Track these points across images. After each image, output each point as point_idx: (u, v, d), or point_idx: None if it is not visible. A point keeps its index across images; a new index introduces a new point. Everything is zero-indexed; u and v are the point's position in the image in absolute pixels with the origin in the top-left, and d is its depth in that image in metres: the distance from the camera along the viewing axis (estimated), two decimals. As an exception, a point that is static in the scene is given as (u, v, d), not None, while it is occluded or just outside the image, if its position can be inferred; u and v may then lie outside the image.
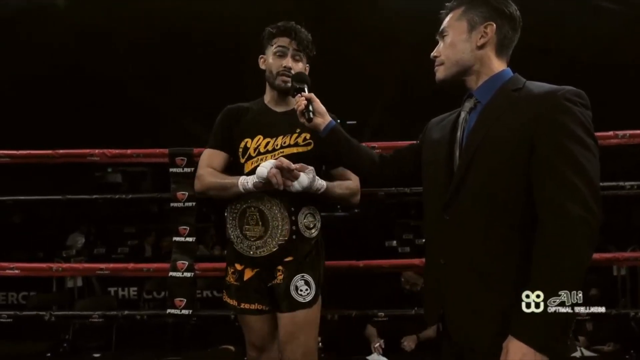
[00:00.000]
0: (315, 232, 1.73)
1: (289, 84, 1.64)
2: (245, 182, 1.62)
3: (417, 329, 3.01)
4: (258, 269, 1.71)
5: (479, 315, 1.15)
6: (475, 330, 1.16)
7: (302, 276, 1.67)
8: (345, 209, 7.52)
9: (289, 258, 1.68)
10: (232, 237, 1.72)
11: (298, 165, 1.58)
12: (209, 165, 1.74)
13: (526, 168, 1.10)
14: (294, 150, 1.69)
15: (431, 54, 1.30)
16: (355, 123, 6.79)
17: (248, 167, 1.70)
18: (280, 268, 1.68)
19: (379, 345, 2.79)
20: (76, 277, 4.49)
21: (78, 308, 3.87)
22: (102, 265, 2.34)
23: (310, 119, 1.42)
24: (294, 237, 1.67)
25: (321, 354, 2.76)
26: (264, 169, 1.56)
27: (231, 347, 2.98)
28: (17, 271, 2.29)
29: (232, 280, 1.75)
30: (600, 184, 1.08)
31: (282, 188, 1.56)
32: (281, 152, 1.68)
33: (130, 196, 2.48)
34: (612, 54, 4.82)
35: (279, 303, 1.67)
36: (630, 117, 2.45)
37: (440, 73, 1.28)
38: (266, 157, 1.67)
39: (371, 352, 2.90)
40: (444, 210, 1.21)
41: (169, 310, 2.21)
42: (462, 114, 1.26)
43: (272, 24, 1.75)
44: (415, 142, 1.49)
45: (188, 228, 2.24)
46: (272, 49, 1.72)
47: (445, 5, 1.31)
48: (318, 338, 2.70)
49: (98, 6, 4.63)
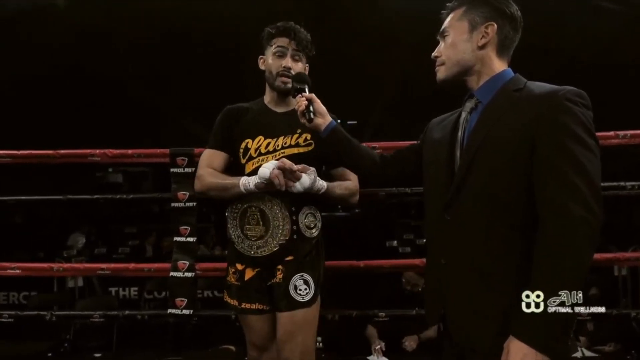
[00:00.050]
0: (315, 232, 1.73)
1: (289, 85, 1.64)
2: (246, 183, 1.62)
3: (418, 329, 3.01)
4: (259, 269, 1.71)
5: (480, 315, 1.15)
6: (476, 330, 1.16)
7: (302, 276, 1.68)
8: (345, 209, 7.51)
9: (290, 257, 1.68)
10: (233, 237, 1.72)
11: (300, 166, 1.58)
12: (209, 165, 1.74)
13: (527, 168, 1.10)
14: (295, 150, 1.69)
15: (432, 54, 1.30)
16: (355, 123, 6.79)
17: (249, 168, 1.70)
18: (280, 267, 1.68)
19: (380, 347, 2.79)
20: (77, 277, 4.50)
21: (79, 308, 3.87)
22: (103, 265, 2.35)
23: (311, 120, 1.42)
24: (295, 237, 1.67)
25: (322, 354, 2.76)
26: (267, 170, 1.56)
27: (232, 347, 2.99)
28: (18, 271, 2.29)
29: (233, 280, 1.75)
30: (601, 184, 1.08)
31: (284, 189, 1.56)
32: (282, 153, 1.68)
33: (131, 196, 2.48)
34: (613, 54, 4.81)
35: (278, 302, 1.67)
36: (630, 117, 2.45)
37: (441, 73, 1.28)
38: (267, 158, 1.67)
39: (371, 353, 2.90)
40: (445, 210, 1.21)
41: (170, 310, 2.21)
42: (463, 114, 1.26)
43: (272, 24, 1.75)
44: (416, 142, 1.48)
45: (189, 228, 2.24)
46: (272, 50, 1.72)
47: (446, 5, 1.31)
48: (318, 338, 2.71)
49: (98, 6, 4.63)
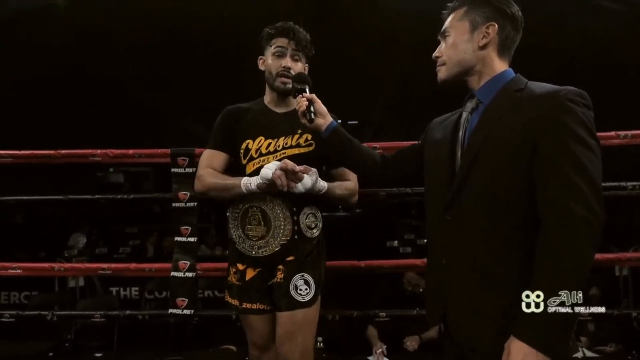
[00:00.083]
0: (316, 232, 1.73)
1: (289, 85, 1.64)
2: (248, 183, 1.62)
3: (420, 330, 3.01)
4: (260, 269, 1.71)
5: (481, 315, 1.15)
6: (476, 330, 1.16)
7: (302, 276, 1.68)
8: (346, 209, 7.51)
9: (291, 257, 1.68)
10: (234, 237, 1.73)
11: (302, 167, 1.58)
12: (209, 165, 1.73)
13: (528, 168, 1.10)
14: (296, 151, 1.69)
15: (433, 55, 1.30)
16: (356, 123, 6.79)
17: (250, 168, 1.70)
18: (280, 267, 1.68)
19: (382, 351, 2.78)
20: (78, 277, 4.50)
21: (80, 308, 3.87)
22: (104, 265, 2.35)
23: (311, 120, 1.42)
24: (296, 237, 1.67)
25: (322, 354, 2.76)
26: (269, 170, 1.56)
27: (233, 347, 2.99)
28: (20, 271, 2.29)
29: (234, 280, 1.75)
30: (602, 185, 1.08)
31: (286, 190, 1.57)
32: (283, 153, 1.68)
33: (132, 196, 2.48)
34: (613, 54, 4.81)
35: (279, 302, 1.68)
36: (632, 118, 2.44)
37: (442, 73, 1.28)
38: (268, 158, 1.68)
39: (372, 353, 2.89)
40: (446, 210, 1.21)
41: (171, 310, 2.21)
42: (464, 114, 1.26)
43: (271, 25, 1.75)
44: (417, 142, 1.49)
45: (190, 228, 2.24)
46: (271, 50, 1.72)
47: (447, 5, 1.30)
48: (319, 338, 2.71)
49: (98, 6, 4.64)
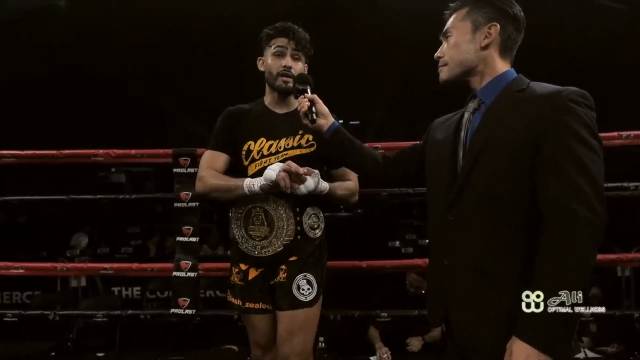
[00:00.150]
0: (319, 233, 1.74)
1: (290, 84, 1.65)
2: (251, 185, 1.62)
3: (423, 331, 3.01)
4: (263, 269, 1.71)
5: (483, 315, 1.15)
6: (478, 330, 1.16)
7: (305, 275, 1.68)
8: (348, 209, 7.51)
9: (294, 258, 1.69)
10: (237, 237, 1.73)
11: (305, 169, 1.59)
12: (211, 166, 1.73)
13: (530, 169, 1.10)
14: (298, 152, 1.70)
15: (435, 55, 1.30)
16: (358, 123, 6.79)
17: (252, 170, 1.70)
18: (283, 267, 1.69)
19: (387, 356, 2.78)
20: (80, 277, 4.49)
21: (82, 307, 3.88)
22: (106, 265, 2.35)
23: (313, 121, 1.42)
24: (299, 237, 1.68)
25: (324, 354, 2.76)
26: (273, 172, 1.56)
27: (234, 347, 2.99)
28: (22, 271, 2.30)
29: (237, 280, 1.75)
30: (604, 185, 1.07)
31: (289, 192, 1.57)
32: (285, 155, 1.68)
33: (134, 196, 2.48)
34: (615, 54, 4.80)
35: (280, 301, 1.68)
36: (634, 118, 2.44)
37: (444, 74, 1.28)
38: (270, 160, 1.68)
39: (373, 354, 2.89)
40: (448, 210, 1.21)
41: (173, 309, 2.21)
42: (466, 115, 1.26)
43: (270, 26, 1.75)
44: (418, 143, 1.49)
45: (191, 228, 2.25)
46: (271, 50, 1.72)
47: (448, 5, 1.30)
48: (320, 338, 2.71)
49: (100, 7, 4.66)
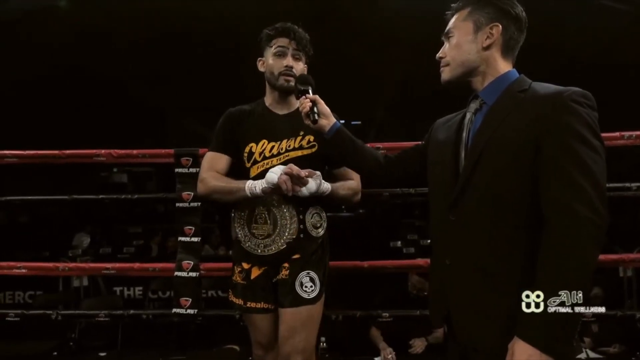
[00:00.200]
0: (322, 231, 1.75)
1: (292, 83, 1.66)
2: (253, 187, 1.62)
3: (426, 332, 3.00)
4: (265, 267, 1.72)
5: (484, 315, 1.15)
6: (479, 331, 1.16)
7: (308, 273, 1.69)
8: (350, 209, 7.52)
9: (296, 256, 1.69)
10: (240, 236, 1.73)
11: (307, 171, 1.59)
12: (212, 168, 1.74)
13: (532, 169, 1.10)
14: (299, 153, 1.70)
15: (437, 55, 1.30)
16: (359, 123, 6.80)
17: (254, 172, 1.71)
18: (286, 265, 1.70)
19: (392, 357, 2.78)
20: (82, 277, 4.50)
21: (84, 307, 3.88)
22: (108, 264, 2.36)
23: (315, 121, 1.43)
24: (302, 236, 1.69)
25: (325, 355, 2.76)
26: (274, 175, 1.56)
27: (236, 347, 2.99)
28: (24, 270, 2.31)
29: (239, 279, 1.76)
30: (606, 185, 1.07)
31: (291, 194, 1.57)
32: (286, 156, 1.69)
33: (136, 196, 2.49)
34: (617, 54, 4.79)
35: (283, 298, 1.68)
36: (635, 118, 2.44)
37: (445, 74, 1.28)
38: (272, 161, 1.69)
39: (375, 354, 2.89)
40: (450, 210, 1.21)
41: (175, 309, 2.22)
42: (468, 115, 1.26)
43: (270, 26, 1.75)
44: (420, 143, 1.49)
45: (193, 228, 2.25)
46: (272, 50, 1.73)
47: (448, 5, 1.30)
48: (322, 338, 2.71)
49: (101, 7, 4.67)
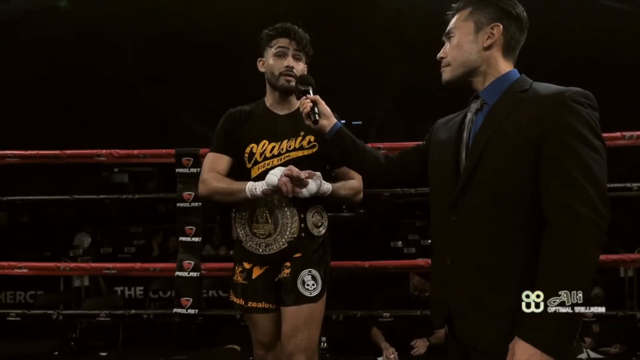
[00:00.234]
0: (323, 230, 1.75)
1: (292, 83, 1.66)
2: (253, 189, 1.62)
3: (427, 333, 2.99)
4: (267, 267, 1.72)
5: (484, 315, 1.15)
6: (480, 330, 1.16)
7: (310, 271, 1.69)
8: (350, 209, 7.52)
9: (298, 254, 1.70)
10: (241, 236, 1.74)
11: (307, 172, 1.59)
12: (213, 169, 1.74)
13: (532, 169, 1.10)
14: (300, 153, 1.70)
15: (437, 55, 1.30)
16: (360, 123, 6.80)
17: (255, 172, 1.71)
18: (287, 264, 1.70)
19: (394, 356, 2.78)
20: (83, 277, 4.51)
21: (85, 307, 3.88)
22: (109, 264, 2.36)
23: (316, 121, 1.42)
24: (303, 235, 1.69)
25: (326, 355, 2.76)
26: (274, 177, 1.57)
27: (237, 347, 2.99)
28: (25, 270, 2.31)
29: (240, 279, 1.76)
30: (607, 185, 1.07)
31: (291, 196, 1.58)
32: (287, 156, 1.69)
33: (137, 196, 2.49)
34: (619, 53, 4.79)
35: (286, 297, 1.68)
36: (636, 118, 2.44)
37: (446, 74, 1.28)
38: (273, 162, 1.69)
39: (376, 354, 2.88)
40: (450, 210, 1.20)
41: (176, 309, 2.22)
42: (469, 115, 1.26)
43: (270, 26, 1.75)
44: (421, 143, 1.49)
45: (194, 228, 2.25)
46: (272, 51, 1.73)
47: (448, 5, 1.30)
48: (322, 338, 2.71)
49: (103, 7, 4.68)
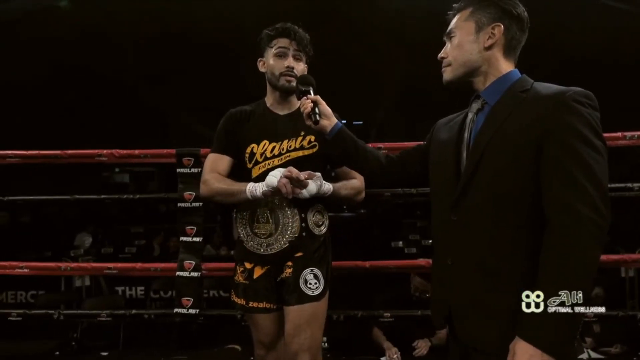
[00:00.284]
0: (324, 229, 1.76)
1: (293, 83, 1.66)
2: (253, 190, 1.63)
3: (429, 334, 2.99)
4: (268, 266, 1.73)
5: (485, 315, 1.14)
6: (480, 330, 1.16)
7: (311, 270, 1.69)
8: (351, 209, 7.52)
9: (299, 254, 1.70)
10: (242, 236, 1.74)
11: (306, 173, 1.60)
12: (214, 169, 1.74)
13: (533, 169, 1.10)
14: (300, 153, 1.70)
15: (438, 55, 1.30)
16: (361, 123, 6.80)
17: (255, 172, 1.71)
18: (289, 263, 1.70)
19: (397, 356, 2.78)
20: (84, 277, 4.51)
21: (86, 307, 3.88)
22: (110, 264, 2.37)
23: (317, 122, 1.42)
24: (304, 234, 1.69)
25: (327, 355, 2.76)
26: (274, 178, 1.57)
27: (238, 347, 2.99)
28: (26, 270, 2.31)
29: (241, 279, 1.76)
30: (608, 186, 1.07)
31: (291, 197, 1.58)
32: (288, 156, 1.69)
33: (137, 196, 2.49)
34: (619, 53, 4.78)
35: (288, 296, 1.68)
36: (637, 118, 2.43)
37: (447, 74, 1.28)
38: (273, 162, 1.69)
39: (377, 354, 2.88)
40: (451, 210, 1.20)
41: (176, 309, 2.23)
42: (470, 115, 1.26)
43: (270, 26, 1.75)
44: (422, 143, 1.49)
45: (195, 228, 2.26)
46: (273, 51, 1.73)
47: (449, 5, 1.30)
48: (323, 338, 2.71)
49: (103, 8, 4.69)
